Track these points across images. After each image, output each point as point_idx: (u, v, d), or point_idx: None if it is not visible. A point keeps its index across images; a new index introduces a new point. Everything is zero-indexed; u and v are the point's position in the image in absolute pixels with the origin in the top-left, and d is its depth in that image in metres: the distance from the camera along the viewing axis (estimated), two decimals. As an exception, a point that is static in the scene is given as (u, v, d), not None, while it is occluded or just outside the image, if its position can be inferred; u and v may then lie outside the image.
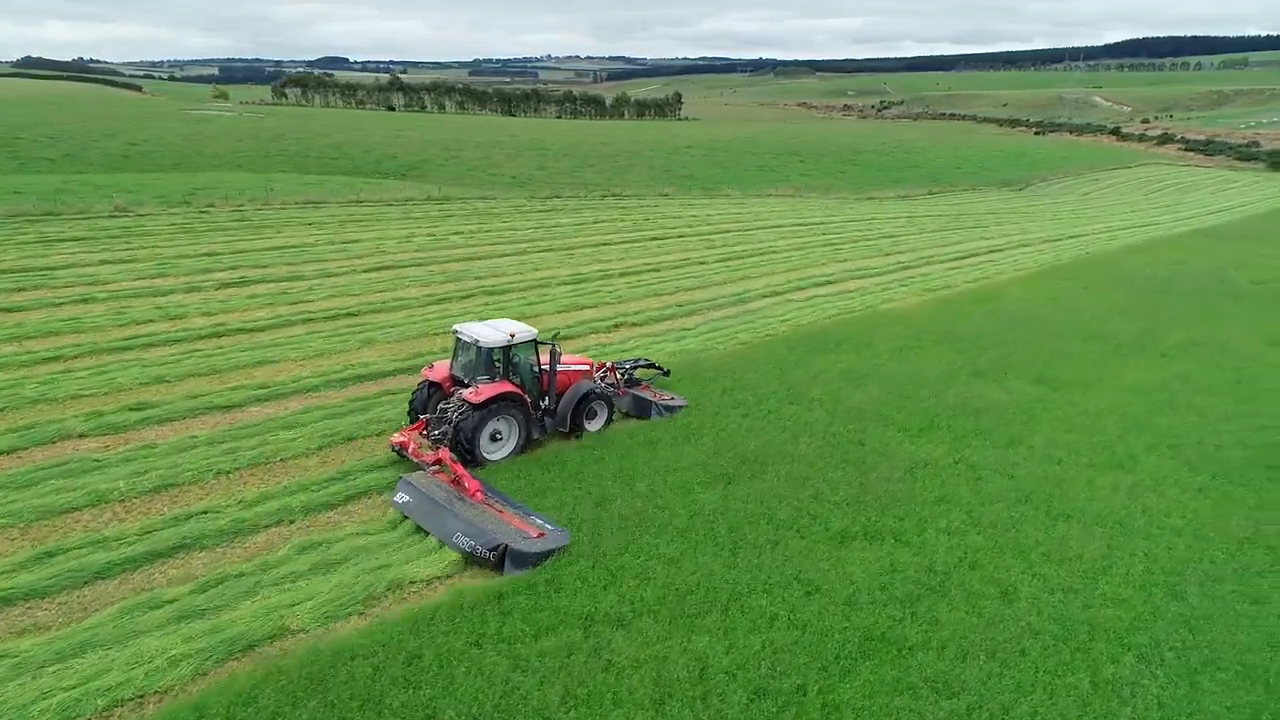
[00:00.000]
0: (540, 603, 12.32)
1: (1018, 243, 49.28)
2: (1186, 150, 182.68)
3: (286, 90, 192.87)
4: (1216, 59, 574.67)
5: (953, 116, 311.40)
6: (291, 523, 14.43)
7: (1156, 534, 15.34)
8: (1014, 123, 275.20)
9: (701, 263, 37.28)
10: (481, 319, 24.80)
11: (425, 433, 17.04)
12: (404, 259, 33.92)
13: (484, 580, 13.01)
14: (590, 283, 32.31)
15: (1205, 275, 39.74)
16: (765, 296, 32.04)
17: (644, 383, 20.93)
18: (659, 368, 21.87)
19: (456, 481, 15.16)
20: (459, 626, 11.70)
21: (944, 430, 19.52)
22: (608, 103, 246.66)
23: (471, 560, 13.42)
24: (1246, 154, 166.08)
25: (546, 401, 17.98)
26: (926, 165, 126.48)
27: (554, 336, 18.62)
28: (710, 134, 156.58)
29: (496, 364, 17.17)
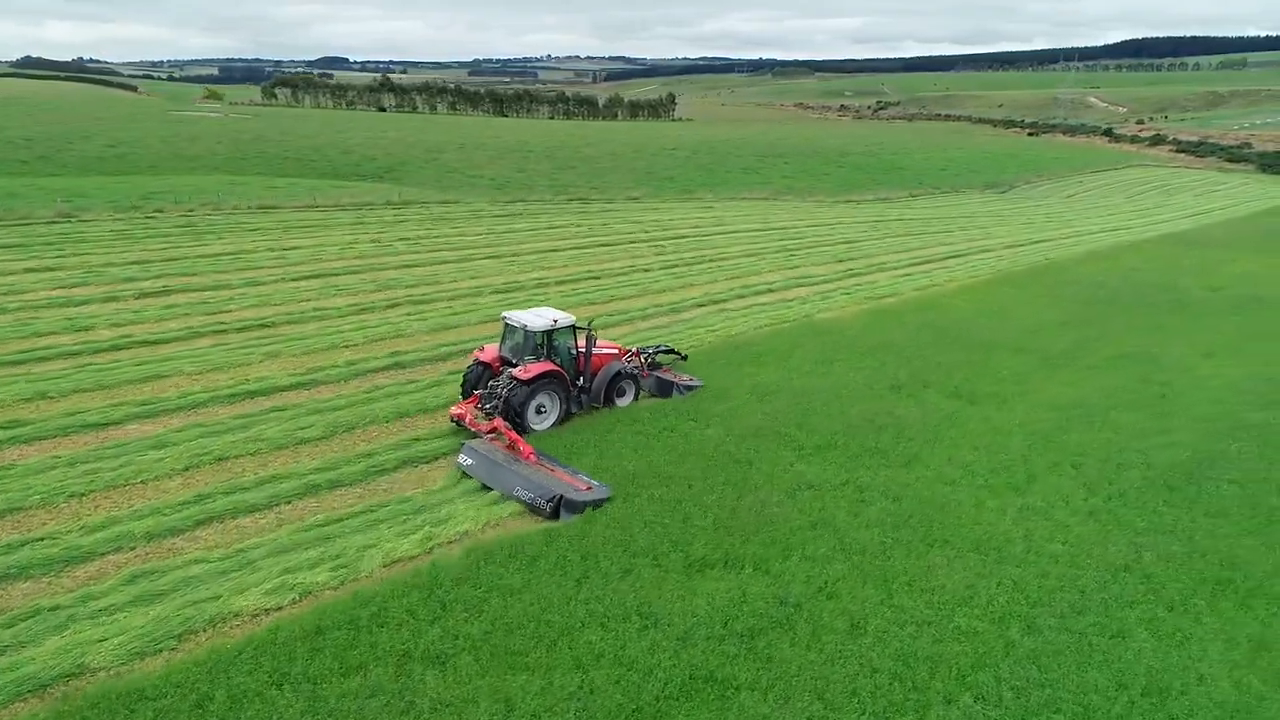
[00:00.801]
0: (358, 638, 11.87)
1: (979, 248, 48.81)
2: (1178, 151, 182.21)
3: (277, 91, 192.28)
4: (1215, 59, 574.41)
5: (948, 117, 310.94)
6: (131, 549, 13.99)
7: (1032, 561, 14.88)
8: (1009, 123, 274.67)
9: (646, 270, 36.84)
10: (399, 331, 24.50)
11: (479, 406, 19.19)
12: (339, 266, 33.47)
13: (308, 609, 12.55)
14: (524, 291, 31.86)
15: (1158, 283, 39.27)
16: (701, 306, 31.58)
17: (665, 365, 23.62)
18: (678, 353, 24.37)
19: (511, 446, 17.49)
20: (263, 665, 11.24)
21: (840, 449, 19.04)
22: (601, 103, 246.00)
23: (530, 509, 15.85)
24: (1237, 155, 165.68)
25: (582, 380, 20.38)
26: (912, 168, 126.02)
27: (589, 323, 21.06)
28: (698, 135, 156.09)
29: (540, 346, 19.54)
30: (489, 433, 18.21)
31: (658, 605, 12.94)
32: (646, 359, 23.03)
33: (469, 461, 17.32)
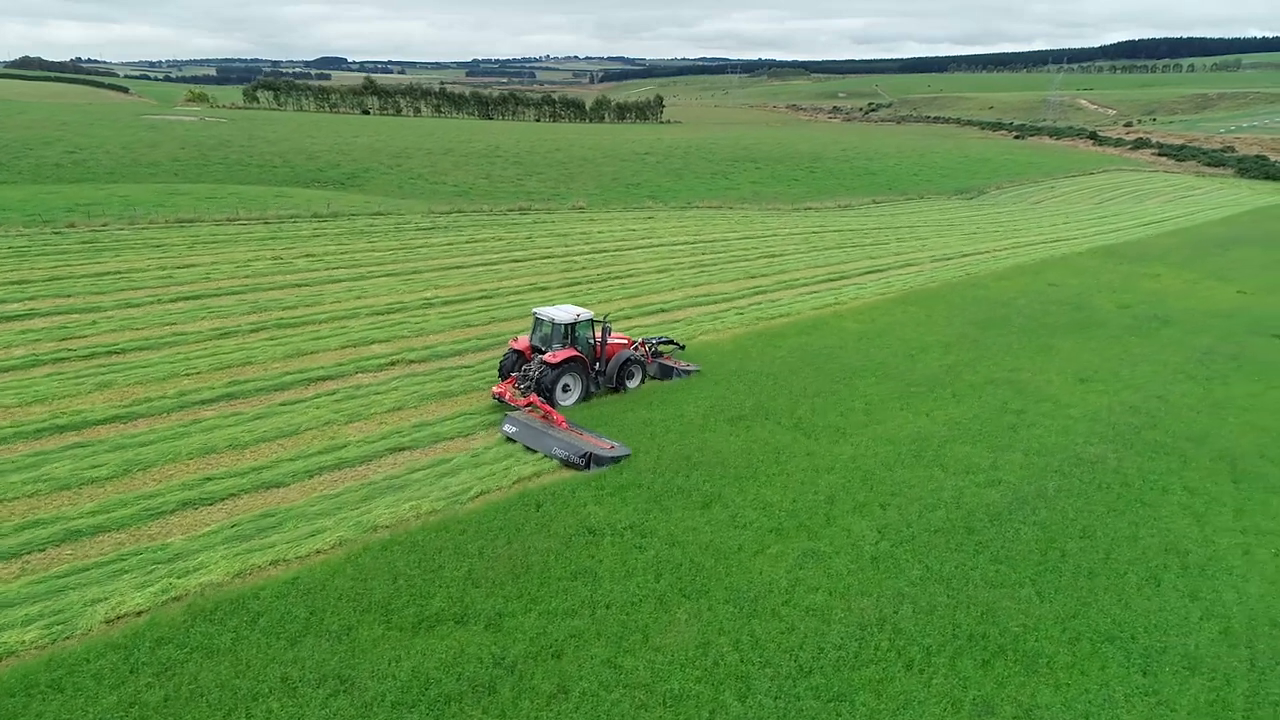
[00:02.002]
0: (28, 707, 11.53)
1: (905, 262, 48.47)
2: (1160, 155, 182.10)
3: (259, 94, 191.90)
4: (1210, 60, 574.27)
5: (937, 120, 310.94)
6: None
7: (784, 614, 14.55)
8: (997, 126, 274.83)
9: (543, 289, 36.49)
10: (249, 358, 24.17)
11: (516, 386, 22.93)
12: (223, 287, 33.13)
13: (-12, 679, 12.20)
14: (403, 313, 31.52)
15: (1068, 301, 38.92)
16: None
17: (665, 354, 26.85)
18: (677, 343, 27.71)
19: (545, 416, 21.31)
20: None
21: (644, 489, 18.70)
22: (588, 106, 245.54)
23: (566, 464, 19.58)
24: (1217, 159, 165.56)
25: (599, 365, 24.18)
26: (884, 173, 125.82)
27: (605, 318, 25.14)
28: (676, 139, 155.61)
29: (565, 337, 23.36)
30: (526, 406, 21.92)
31: (361, 669, 12.60)
32: (650, 348, 26.39)
33: (513, 429, 20.98)
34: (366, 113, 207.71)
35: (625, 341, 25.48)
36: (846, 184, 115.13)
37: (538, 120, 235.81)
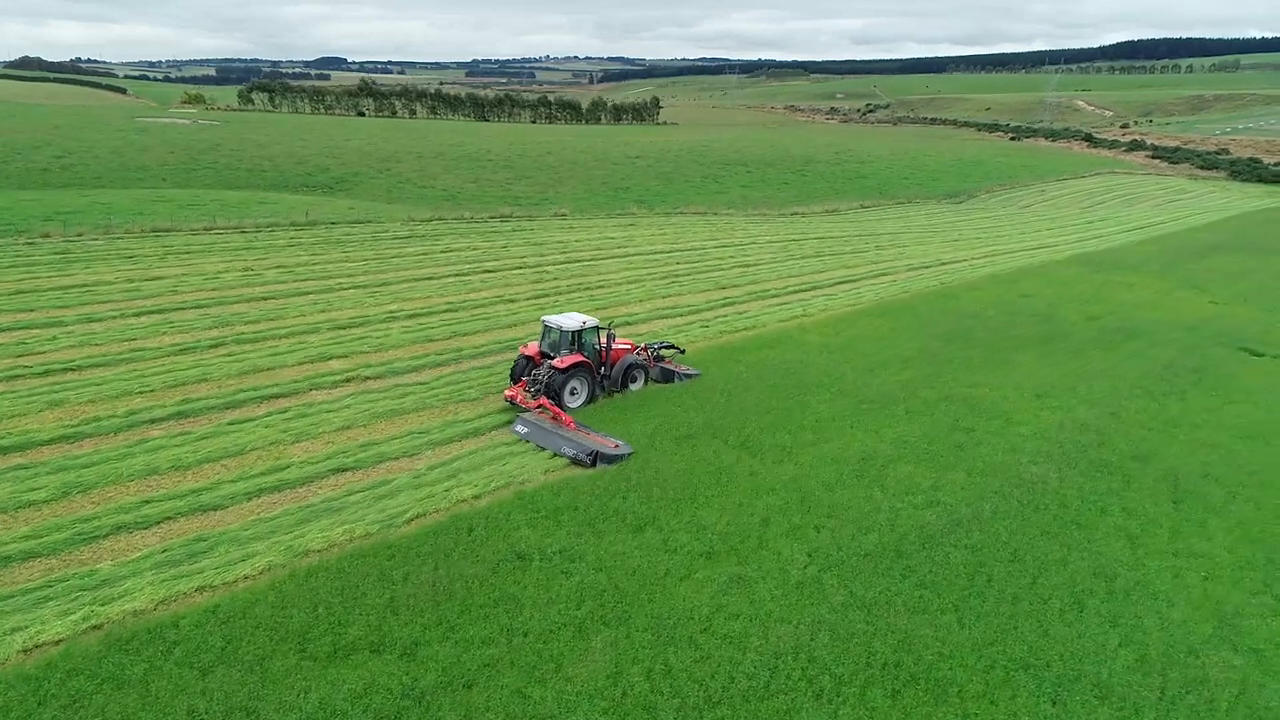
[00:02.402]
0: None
1: (881, 271, 48.58)
2: (1153, 158, 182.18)
3: (254, 96, 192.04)
4: (1209, 61, 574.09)
5: (934, 121, 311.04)
6: None
7: (700, 642, 14.67)
8: (993, 127, 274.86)
9: (511, 301, 36.64)
10: (204, 375, 24.30)
11: (526, 389, 24.44)
12: (189, 300, 33.26)
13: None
14: (366, 327, 31.65)
15: (1037, 313, 39.03)
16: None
17: (667, 358, 28.23)
18: (678, 347, 28.89)
19: (555, 417, 22.95)
20: None
21: (580, 512, 18.82)
22: (584, 107, 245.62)
23: (574, 462, 20.99)
24: (1210, 162, 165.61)
25: (604, 369, 25.72)
26: (876, 176, 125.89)
27: (610, 324, 26.72)
28: (669, 142, 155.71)
29: (572, 343, 24.84)
30: (536, 408, 23.53)
31: (269, 700, 12.71)
32: (653, 352, 27.68)
33: (524, 430, 22.60)
34: (362, 114, 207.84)
35: (629, 346, 27.06)
36: (837, 187, 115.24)
37: (534, 122, 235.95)
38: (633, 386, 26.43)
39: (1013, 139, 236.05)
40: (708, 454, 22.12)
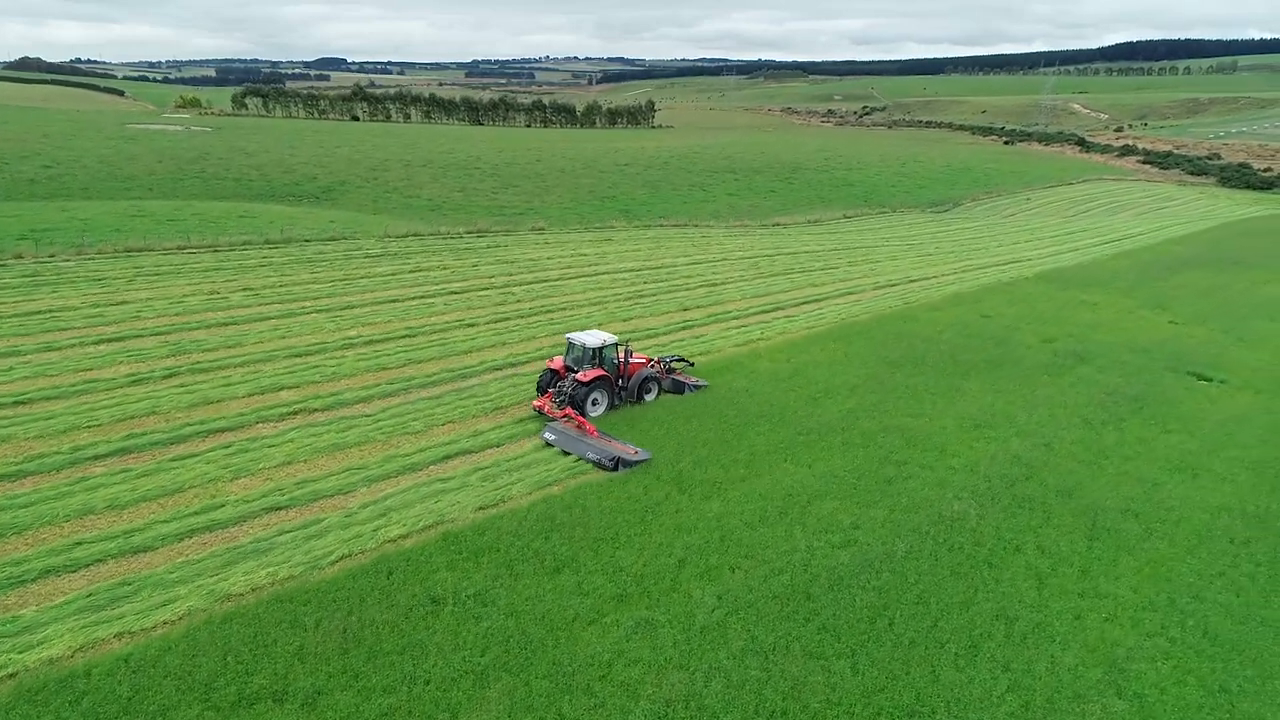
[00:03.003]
0: None
1: (848, 289, 49.07)
2: (1144, 163, 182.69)
3: (248, 100, 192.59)
4: (1207, 62, 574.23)
5: (929, 124, 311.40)
6: None
7: (597, 690, 15.20)
8: (987, 131, 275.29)
9: (471, 325, 37.16)
10: (154, 408, 24.81)
11: (553, 400, 26.85)
12: (149, 327, 33.79)
13: None
14: (321, 354, 32.16)
15: (993, 336, 39.50)
16: (498, 369, 31.92)
17: (678, 370, 30.95)
18: (687, 360, 32.09)
19: (579, 426, 25.37)
20: None
21: (501, 553, 19.35)
22: (578, 111, 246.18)
23: (597, 466, 23.51)
24: (1200, 168, 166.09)
25: (622, 381, 28.18)
26: (862, 184, 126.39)
27: (626, 341, 29.22)
28: (661, 147, 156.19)
29: (594, 358, 27.38)
30: (562, 418, 25.95)
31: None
32: (665, 365, 30.39)
33: (553, 437, 25.14)
34: (356, 119, 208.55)
35: (644, 360, 29.68)
36: (823, 195, 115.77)
37: (529, 126, 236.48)
38: (647, 398, 28.90)
39: (1006, 143, 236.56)
40: (638, 491, 22.62)
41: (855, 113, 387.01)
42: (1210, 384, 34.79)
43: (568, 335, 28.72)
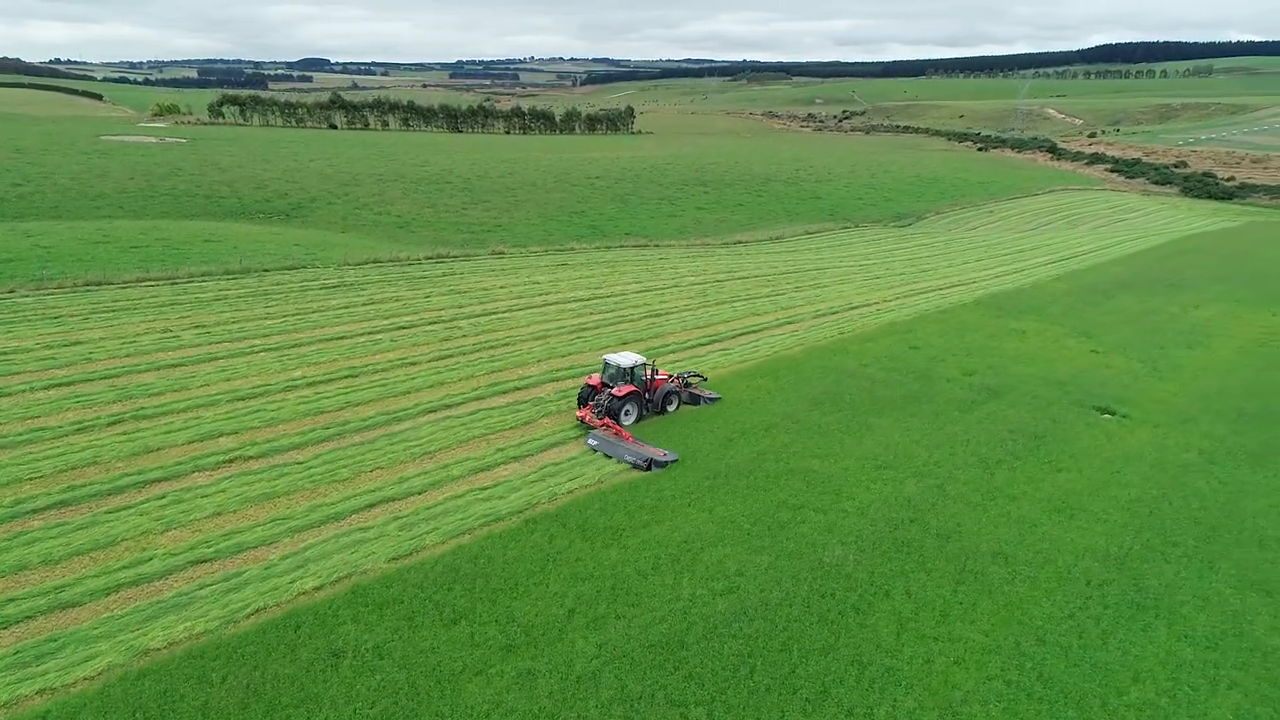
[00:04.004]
0: None
1: (788, 319, 50.90)
2: (1112, 171, 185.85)
3: (224, 109, 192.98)
4: (1184, 65, 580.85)
5: (906, 130, 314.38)
6: None
7: (470, 741, 16.80)
8: (963, 137, 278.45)
9: (413, 364, 38.72)
10: (96, 457, 26.27)
11: (593, 411, 32.06)
12: (100, 369, 35.17)
13: None
14: (264, 397, 33.64)
15: (916, 369, 41.38)
16: (432, 411, 33.49)
17: (693, 384, 36.26)
18: (701, 375, 37.82)
19: (617, 433, 30.73)
20: None
21: (404, 605, 20.98)
22: (558, 118, 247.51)
23: (634, 467, 28.73)
24: (1165, 176, 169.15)
25: (649, 395, 33.52)
26: (831, 197, 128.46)
27: (653, 361, 35.32)
28: (635, 158, 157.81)
29: (627, 375, 32.59)
30: (601, 426, 31.25)
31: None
32: (683, 381, 35.60)
33: (595, 443, 30.29)
34: (334, 127, 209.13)
35: (666, 376, 34.78)
36: (790, 209, 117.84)
37: (507, 133, 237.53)
38: (669, 409, 34.17)
39: (980, 149, 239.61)
40: (542, 540, 24.34)
41: (835, 117, 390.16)
42: (1113, 418, 36.78)
43: (604, 356, 34.03)
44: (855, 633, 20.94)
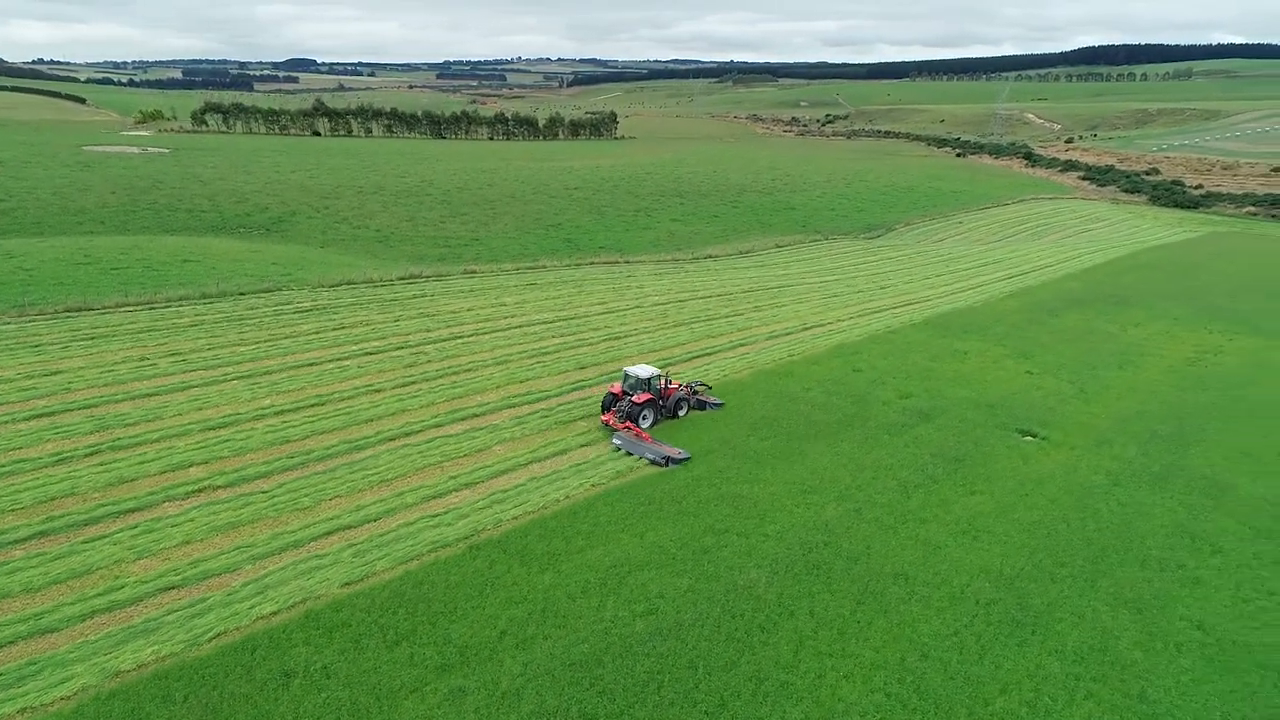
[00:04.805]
0: None
1: (741, 340, 53.37)
2: (1084, 179, 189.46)
3: (207, 117, 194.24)
4: (1165, 68, 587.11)
5: (888, 134, 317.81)
6: None
7: (402, 752, 19.17)
8: (942, 142, 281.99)
9: (377, 391, 40.89)
10: (73, 489, 28.38)
11: (616, 416, 37.41)
12: (79, 400, 37.18)
13: None
14: (234, 427, 35.78)
15: (854, 393, 43.88)
16: (387, 440, 35.77)
17: (700, 392, 41.38)
18: (706, 384, 42.34)
19: (637, 435, 36.06)
20: None
21: (352, 629, 23.30)
22: (541, 124, 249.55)
23: (652, 463, 33.90)
24: (1135, 185, 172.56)
25: (663, 402, 38.52)
26: (804, 207, 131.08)
27: (665, 371, 41.71)
28: (614, 166, 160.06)
29: (644, 385, 37.98)
30: (623, 428, 36.72)
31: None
32: (691, 389, 40.37)
33: (619, 442, 35.63)
34: (318, 134, 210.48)
35: (677, 386, 40.05)
36: (764, 220, 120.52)
37: (491, 139, 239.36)
38: (680, 413, 39.22)
39: (959, 155, 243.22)
40: (484, 565, 26.72)
41: (819, 121, 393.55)
42: (1034, 441, 39.38)
43: (624, 369, 39.53)
44: (758, 650, 23.36)
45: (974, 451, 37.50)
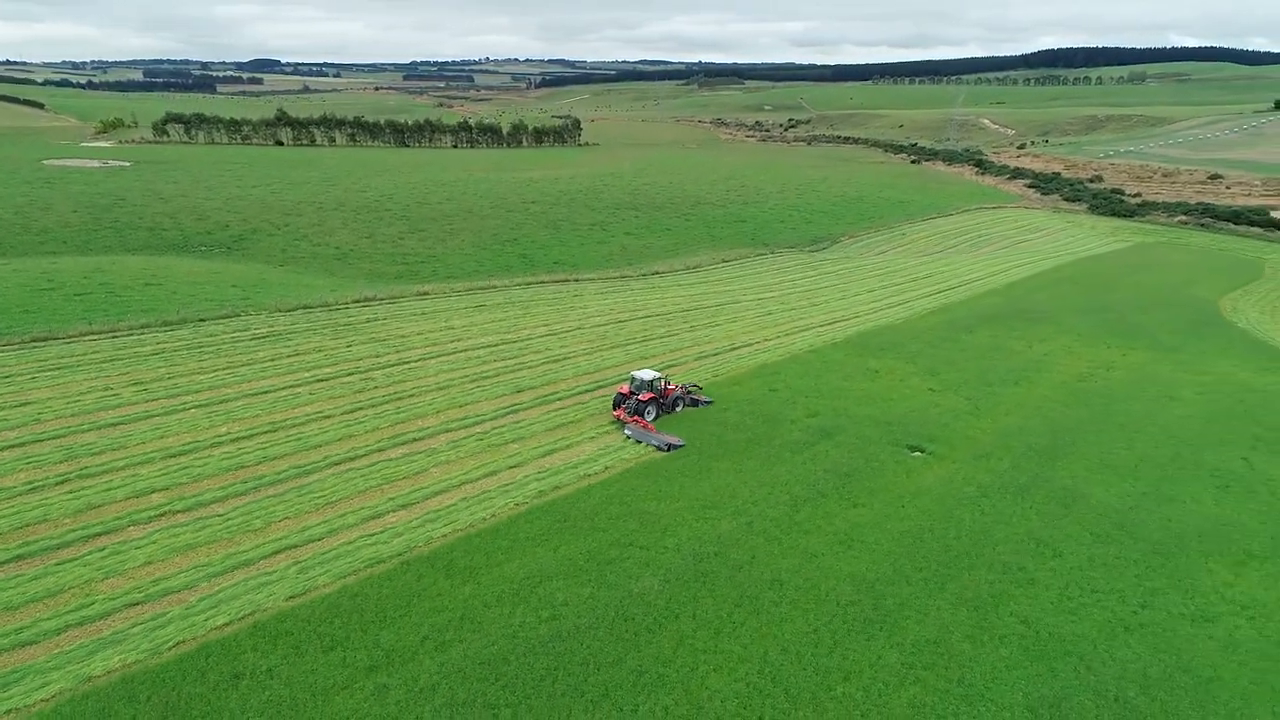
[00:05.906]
0: None
1: (672, 362, 57.45)
2: (1029, 187, 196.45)
3: (169, 128, 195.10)
4: (1119, 71, 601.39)
5: (846, 140, 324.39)
6: None
7: (332, 739, 23.14)
8: (899, 149, 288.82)
9: (327, 417, 44.55)
10: (45, 515, 31.80)
11: (625, 411, 45.01)
12: (48, 430, 40.41)
13: None
14: (192, 454, 39.32)
15: (766, 413, 48.23)
16: (333, 464, 39.50)
17: (693, 391, 49.46)
18: (698, 385, 50.78)
19: (644, 427, 43.96)
20: None
21: (293, 636, 27.18)
22: (504, 131, 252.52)
23: (658, 449, 42.15)
24: (1076, 193, 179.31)
25: (663, 400, 46.19)
26: (755, 219, 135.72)
27: (665, 373, 49.38)
28: (572, 178, 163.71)
29: (648, 385, 45.61)
30: (632, 421, 44.55)
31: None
32: (685, 389, 48.43)
33: (630, 432, 43.47)
34: (280, 144, 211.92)
35: (675, 387, 47.98)
36: (715, 233, 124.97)
37: (455, 146, 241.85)
38: (677, 409, 47.30)
39: (914, 161, 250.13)
40: (413, 579, 30.66)
41: (781, 125, 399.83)
42: (921, 455, 43.94)
43: (631, 373, 47.78)
44: (643, 649, 27.54)
45: (863, 467, 41.93)
